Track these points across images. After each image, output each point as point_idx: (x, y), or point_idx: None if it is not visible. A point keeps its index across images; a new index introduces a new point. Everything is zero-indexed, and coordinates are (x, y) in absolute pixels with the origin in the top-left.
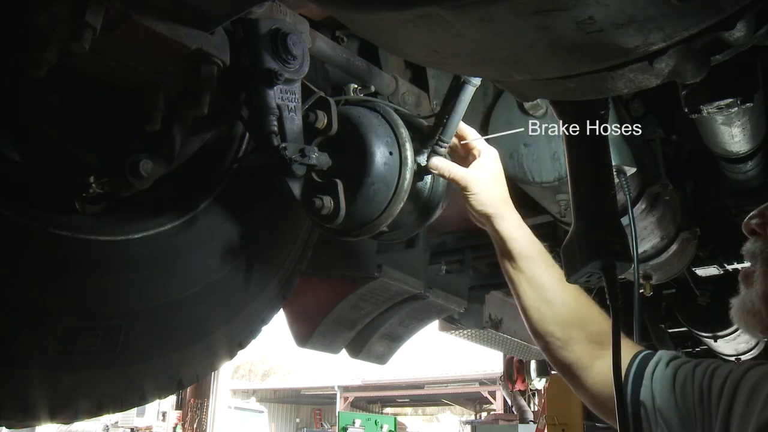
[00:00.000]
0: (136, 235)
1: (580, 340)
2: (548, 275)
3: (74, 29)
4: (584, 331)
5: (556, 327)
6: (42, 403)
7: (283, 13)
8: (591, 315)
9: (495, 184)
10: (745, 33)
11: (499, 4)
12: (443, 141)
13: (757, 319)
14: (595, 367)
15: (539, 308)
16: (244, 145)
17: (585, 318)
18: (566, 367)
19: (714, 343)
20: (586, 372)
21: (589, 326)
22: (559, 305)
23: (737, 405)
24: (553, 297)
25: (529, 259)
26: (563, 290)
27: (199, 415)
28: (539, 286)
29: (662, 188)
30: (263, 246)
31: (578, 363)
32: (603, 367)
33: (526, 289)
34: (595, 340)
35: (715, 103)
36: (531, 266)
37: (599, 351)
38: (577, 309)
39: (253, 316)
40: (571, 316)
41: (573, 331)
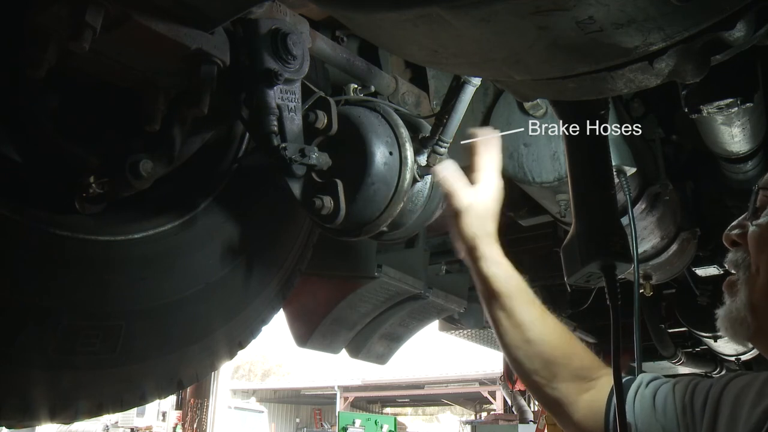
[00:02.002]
0: (136, 235)
1: (564, 377)
2: (529, 313)
3: (74, 29)
4: (568, 367)
5: (540, 365)
6: (42, 403)
7: (283, 13)
8: (573, 350)
9: (488, 218)
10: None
11: (499, 4)
12: (443, 141)
13: (744, 326)
14: (581, 402)
15: (521, 347)
16: (244, 145)
17: (568, 353)
18: (552, 404)
19: (714, 343)
20: (573, 408)
21: (573, 362)
22: (541, 344)
23: (722, 416)
24: (534, 336)
25: (510, 298)
26: (544, 327)
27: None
28: (520, 324)
29: (662, 188)
30: (263, 246)
31: (564, 400)
32: (588, 401)
33: (507, 329)
34: (579, 376)
35: (715, 103)
36: (511, 304)
37: (584, 385)
38: (560, 345)
39: (253, 316)
40: (553, 353)
41: (557, 369)
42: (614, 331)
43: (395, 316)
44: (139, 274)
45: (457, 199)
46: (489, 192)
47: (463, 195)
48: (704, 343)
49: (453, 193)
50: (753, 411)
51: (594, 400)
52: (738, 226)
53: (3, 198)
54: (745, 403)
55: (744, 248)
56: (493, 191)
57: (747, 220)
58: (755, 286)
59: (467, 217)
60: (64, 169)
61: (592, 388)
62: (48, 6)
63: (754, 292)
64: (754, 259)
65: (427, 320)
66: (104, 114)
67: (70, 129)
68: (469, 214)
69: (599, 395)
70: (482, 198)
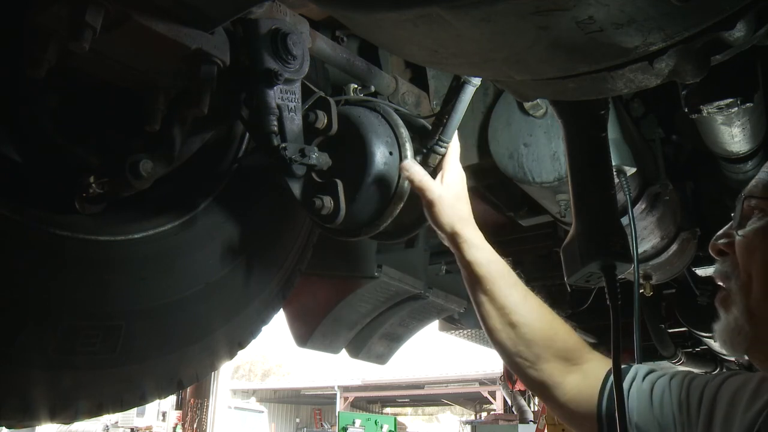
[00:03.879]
0: (136, 235)
1: (548, 359)
2: (511, 296)
3: (74, 29)
4: (551, 348)
5: (523, 347)
6: (42, 403)
7: (283, 13)
8: (557, 332)
9: (460, 202)
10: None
11: (499, 4)
12: (443, 141)
13: (742, 335)
14: (567, 383)
15: (504, 330)
16: (244, 145)
17: (551, 336)
18: (538, 386)
19: (714, 343)
20: (558, 389)
21: (556, 343)
22: (524, 326)
23: (717, 414)
24: (517, 319)
25: (491, 281)
26: (527, 310)
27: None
28: (502, 307)
29: (662, 188)
30: (263, 246)
31: (549, 381)
32: (574, 383)
33: (489, 312)
34: (563, 357)
35: (715, 103)
36: (493, 288)
37: (569, 367)
38: (543, 327)
39: (253, 316)
40: (536, 335)
41: (540, 350)
42: (614, 331)
43: (395, 316)
44: (139, 274)
45: (428, 192)
46: (455, 179)
47: (432, 187)
48: (704, 343)
49: (422, 187)
50: (747, 412)
51: (582, 383)
52: (724, 236)
53: (3, 198)
54: (740, 403)
55: (732, 258)
56: (458, 178)
57: (733, 229)
58: (749, 293)
59: (441, 207)
60: (64, 169)
61: (579, 371)
62: (48, 6)
63: (750, 299)
64: (744, 267)
65: (427, 320)
66: (104, 114)
67: (70, 129)
68: (441, 203)
69: (588, 379)
70: (450, 186)
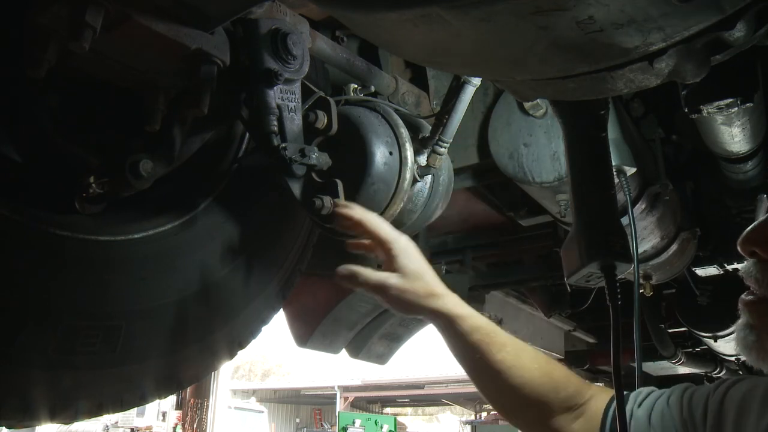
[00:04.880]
0: (136, 235)
1: (553, 413)
2: (505, 359)
3: (74, 29)
4: (555, 402)
5: (527, 408)
6: (42, 403)
7: (283, 13)
8: (557, 382)
9: (427, 274)
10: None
11: (499, 4)
12: (443, 141)
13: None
14: (576, 430)
15: (505, 394)
16: (244, 145)
17: (552, 388)
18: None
19: (714, 343)
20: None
21: (559, 395)
22: (524, 386)
23: (726, 424)
24: (515, 381)
25: (483, 350)
26: (524, 369)
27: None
28: (498, 373)
29: (662, 188)
30: (263, 246)
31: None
32: (580, 427)
33: (486, 380)
34: (567, 406)
35: (715, 103)
36: (485, 356)
37: (574, 413)
38: (543, 383)
39: (253, 316)
40: (538, 392)
41: (544, 407)
42: (614, 331)
43: (395, 316)
44: (139, 274)
45: (389, 286)
46: (403, 251)
47: (383, 276)
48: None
49: (381, 284)
50: (761, 419)
51: (587, 425)
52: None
53: (3, 198)
54: (750, 411)
55: None
56: (405, 247)
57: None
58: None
59: (409, 293)
60: (64, 169)
61: (583, 415)
62: (48, 6)
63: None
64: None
65: None
66: (104, 114)
67: (70, 129)
68: (406, 289)
69: (592, 421)
70: (406, 260)
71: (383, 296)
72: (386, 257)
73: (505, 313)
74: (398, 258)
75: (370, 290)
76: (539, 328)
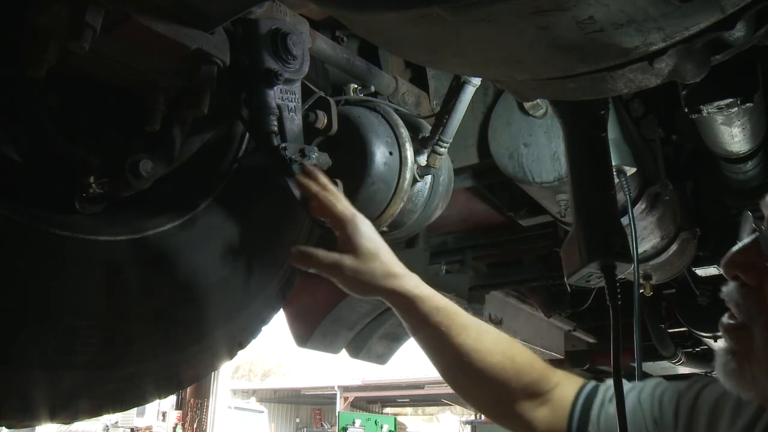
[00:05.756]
0: (136, 235)
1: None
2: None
3: (74, 29)
4: (517, 387)
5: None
6: (42, 403)
7: (283, 13)
8: (520, 367)
9: (382, 252)
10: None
11: (499, 4)
12: (443, 141)
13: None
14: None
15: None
16: (244, 145)
17: (515, 373)
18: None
19: (714, 343)
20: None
21: (522, 379)
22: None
23: (698, 428)
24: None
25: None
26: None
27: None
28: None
29: (662, 188)
30: (263, 246)
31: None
32: (544, 416)
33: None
34: (530, 392)
35: (715, 103)
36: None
37: (537, 400)
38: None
39: (253, 316)
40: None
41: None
42: (614, 331)
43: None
44: (139, 274)
45: (344, 267)
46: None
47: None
48: (704, 343)
49: (335, 265)
50: (732, 428)
51: (552, 415)
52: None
53: (3, 198)
54: (722, 417)
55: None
56: (364, 224)
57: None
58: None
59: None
60: (64, 169)
61: (547, 403)
62: (48, 6)
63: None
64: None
65: None
66: (104, 114)
67: (70, 129)
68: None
69: (557, 411)
70: (361, 244)
71: (338, 278)
72: (341, 236)
73: (505, 313)
74: (353, 237)
75: (325, 271)
76: (539, 328)
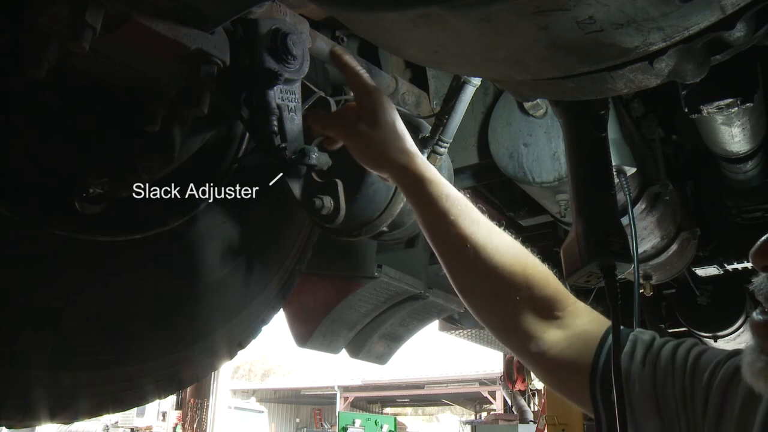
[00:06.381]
0: (136, 235)
1: (523, 309)
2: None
3: (74, 29)
4: (526, 297)
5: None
6: (42, 403)
7: (283, 13)
8: (532, 276)
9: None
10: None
11: (499, 4)
12: (443, 141)
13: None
14: (547, 339)
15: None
16: (244, 145)
17: (525, 281)
18: (513, 342)
19: (714, 344)
20: (537, 345)
21: (532, 291)
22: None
23: (728, 414)
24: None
25: (453, 218)
26: (495, 249)
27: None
28: (466, 248)
29: (662, 188)
30: (263, 246)
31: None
32: (556, 339)
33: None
34: (541, 308)
35: (715, 103)
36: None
37: (549, 320)
38: (515, 271)
39: (253, 316)
40: (507, 279)
41: (513, 299)
42: (614, 332)
43: (395, 316)
44: (140, 274)
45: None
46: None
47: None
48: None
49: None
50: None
51: (567, 340)
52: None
53: (3, 198)
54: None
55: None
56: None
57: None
58: None
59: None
60: (64, 169)
61: (562, 326)
62: (48, 6)
63: None
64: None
65: (427, 320)
66: (104, 114)
67: (70, 129)
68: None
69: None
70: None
71: (351, 142)
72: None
73: None
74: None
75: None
76: None
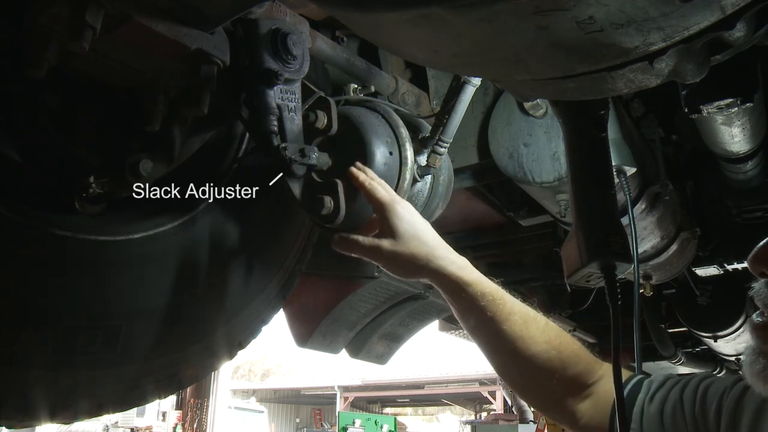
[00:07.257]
0: (136, 235)
1: (561, 390)
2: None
3: (74, 29)
4: (562, 378)
5: (534, 383)
6: (42, 403)
7: (283, 13)
8: (567, 357)
9: (416, 237)
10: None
11: (499, 4)
12: (443, 141)
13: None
14: (580, 411)
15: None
16: (244, 145)
17: (561, 364)
18: (555, 417)
19: (714, 343)
20: (574, 418)
21: (567, 372)
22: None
23: (741, 427)
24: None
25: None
26: (531, 341)
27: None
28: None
29: (662, 188)
30: (263, 246)
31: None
32: (586, 409)
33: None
34: (575, 384)
35: (715, 103)
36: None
37: (581, 393)
38: (550, 357)
39: (253, 316)
40: (545, 367)
41: (552, 382)
42: (614, 331)
43: (395, 316)
44: (139, 274)
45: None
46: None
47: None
48: (704, 343)
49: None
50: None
51: (594, 408)
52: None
53: (3, 198)
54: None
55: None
56: (403, 213)
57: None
58: None
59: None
60: (64, 169)
61: (591, 396)
62: (48, 6)
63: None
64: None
65: (427, 320)
66: (104, 114)
67: (70, 129)
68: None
69: (600, 404)
70: (398, 226)
71: (379, 260)
72: (380, 220)
73: None
74: (390, 221)
75: (365, 255)
76: None
